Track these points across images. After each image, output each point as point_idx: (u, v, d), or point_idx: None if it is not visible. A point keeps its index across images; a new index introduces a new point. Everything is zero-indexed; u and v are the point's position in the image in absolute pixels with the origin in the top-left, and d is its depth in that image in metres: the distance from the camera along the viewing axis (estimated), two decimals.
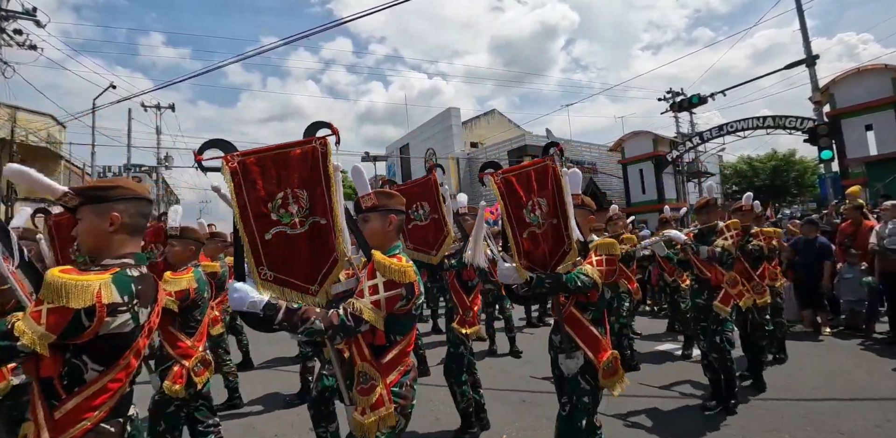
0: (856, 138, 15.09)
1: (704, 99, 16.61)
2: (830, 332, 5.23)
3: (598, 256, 2.04)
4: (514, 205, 2.06)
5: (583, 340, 2.03)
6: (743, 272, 3.69)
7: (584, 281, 1.94)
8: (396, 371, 1.59)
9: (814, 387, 3.66)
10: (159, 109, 22.87)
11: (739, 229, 3.27)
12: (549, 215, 2.10)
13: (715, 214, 3.40)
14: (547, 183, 2.12)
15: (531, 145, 23.78)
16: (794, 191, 32.13)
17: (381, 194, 1.76)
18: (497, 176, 2.09)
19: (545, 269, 2.07)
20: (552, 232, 2.10)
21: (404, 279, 1.53)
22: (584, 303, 2.07)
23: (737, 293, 3.29)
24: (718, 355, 3.19)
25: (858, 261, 5.16)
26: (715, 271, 3.29)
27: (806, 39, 12.89)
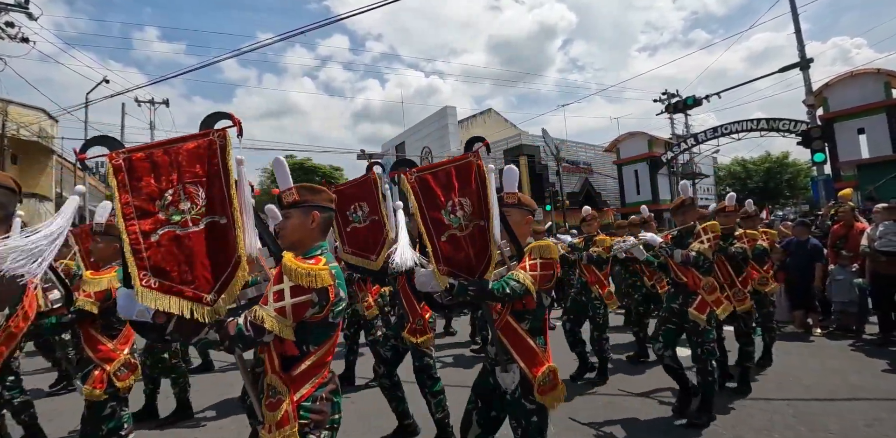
0: (848, 141, 15.27)
1: (700, 101, 16.70)
2: (821, 333, 5.29)
3: (532, 260, 1.84)
4: (431, 206, 1.89)
5: (518, 352, 1.86)
6: (725, 277, 3.65)
7: (515, 288, 1.75)
8: (310, 384, 1.46)
9: (805, 387, 3.70)
10: (153, 104, 22.67)
11: (718, 232, 3.10)
12: (474, 217, 1.91)
13: (692, 215, 3.23)
14: (470, 181, 1.93)
15: (527, 145, 23.85)
16: (787, 193, 32.50)
17: (303, 188, 1.65)
18: (411, 175, 1.92)
19: (472, 275, 1.88)
20: (479, 235, 1.91)
21: (315, 284, 1.38)
22: (521, 312, 1.89)
23: (714, 300, 3.10)
24: (701, 365, 3.06)
25: (849, 263, 5.22)
26: (691, 275, 3.13)
27: (800, 43, 12.99)
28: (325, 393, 1.48)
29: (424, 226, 1.87)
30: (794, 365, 4.26)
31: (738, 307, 3.60)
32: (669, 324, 3.24)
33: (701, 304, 3.08)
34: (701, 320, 3.04)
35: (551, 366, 1.87)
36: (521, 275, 1.80)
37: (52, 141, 17.05)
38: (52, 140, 17.02)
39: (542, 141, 23.18)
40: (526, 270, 1.82)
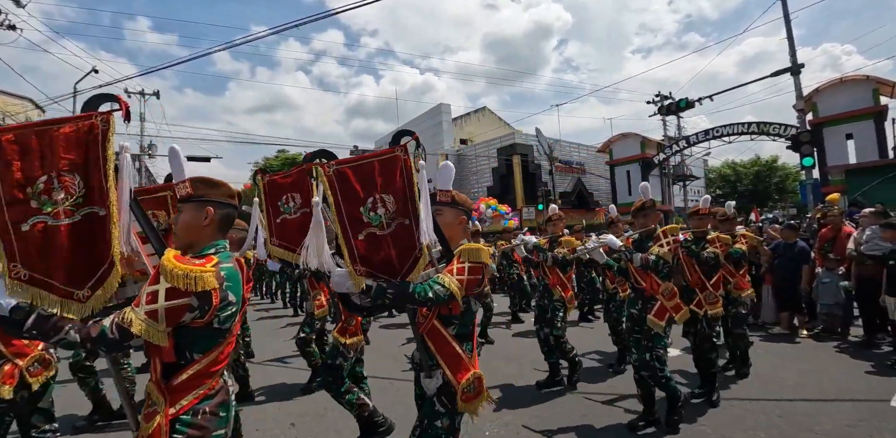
0: (836, 146, 15.50)
1: (692, 103, 16.81)
2: (807, 334, 5.36)
3: (461, 263, 1.74)
4: (349, 202, 1.78)
5: (443, 358, 1.78)
6: (696, 281, 3.61)
7: (439, 293, 1.65)
8: (192, 396, 1.33)
9: (791, 387, 3.75)
10: (143, 95, 22.33)
11: (677, 235, 2.99)
12: (397, 215, 1.81)
13: (653, 218, 3.14)
14: (395, 177, 1.81)
15: (520, 144, 23.88)
16: (776, 196, 32.95)
17: (199, 181, 1.52)
18: (329, 168, 1.77)
19: (394, 276, 1.80)
20: (402, 234, 1.80)
21: (194, 287, 1.25)
22: (448, 316, 1.80)
23: (673, 306, 2.98)
24: (650, 372, 2.95)
25: (836, 266, 5.30)
26: (650, 280, 3.02)
27: (792, 48, 13.12)
28: (209, 407, 1.35)
29: (340, 223, 1.76)
30: (780, 366, 4.32)
31: (709, 311, 3.56)
32: (635, 333, 3.12)
33: (660, 310, 2.98)
34: (659, 327, 2.94)
35: (476, 373, 1.79)
36: (446, 279, 1.69)
37: None
38: None
39: (536, 140, 23.23)
40: (453, 273, 1.71)
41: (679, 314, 3.01)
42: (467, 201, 2.01)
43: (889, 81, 14.88)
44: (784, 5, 13.34)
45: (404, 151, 1.84)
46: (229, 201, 1.54)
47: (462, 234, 1.96)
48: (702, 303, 3.60)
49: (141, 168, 25.48)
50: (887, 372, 3.99)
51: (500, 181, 24.17)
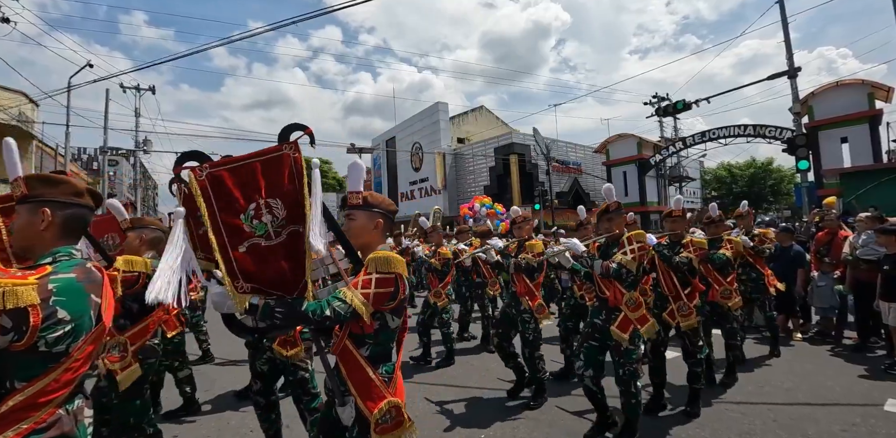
0: (831, 150, 15.59)
1: (689, 105, 16.86)
2: (801, 337, 5.39)
3: (367, 274, 1.54)
4: (227, 210, 1.54)
5: (354, 383, 1.57)
6: (669, 289, 3.41)
7: (339, 310, 1.46)
8: (13, 431, 1.11)
9: (786, 391, 3.77)
10: (139, 90, 22.15)
11: (644, 242, 2.78)
12: (288, 221, 1.60)
13: (619, 221, 2.94)
14: (283, 179, 1.61)
15: (518, 144, 23.88)
16: (771, 198, 33.15)
17: (33, 179, 1.32)
18: (200, 172, 1.52)
19: (289, 292, 1.59)
20: (296, 244, 1.61)
21: (4, 304, 1.04)
22: (360, 336, 1.60)
23: (638, 318, 2.77)
24: (623, 387, 2.75)
25: (831, 270, 5.32)
26: (614, 289, 2.82)
27: (789, 52, 13.19)
28: None
29: (215, 234, 1.51)
30: (775, 369, 4.34)
31: (681, 323, 3.31)
32: (592, 340, 2.92)
33: (623, 321, 2.78)
34: (623, 339, 2.75)
35: (393, 401, 1.56)
36: (348, 294, 1.49)
37: (33, 126, 16.56)
38: (33, 125, 16.53)
39: (533, 140, 23.24)
40: (357, 287, 1.51)
41: (644, 327, 2.78)
42: (385, 202, 1.78)
43: (884, 86, 14.98)
44: (782, 9, 13.41)
45: (294, 148, 1.63)
46: (75, 201, 1.34)
47: (381, 239, 1.74)
48: (674, 314, 3.36)
49: (136, 164, 25.32)
50: (881, 376, 4.01)
51: (496, 181, 24.17)
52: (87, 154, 35.21)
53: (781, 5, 13.42)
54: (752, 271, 4.78)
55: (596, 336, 2.91)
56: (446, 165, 26.84)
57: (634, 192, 22.82)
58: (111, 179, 27.78)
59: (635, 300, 2.80)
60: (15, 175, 1.34)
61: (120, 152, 24.86)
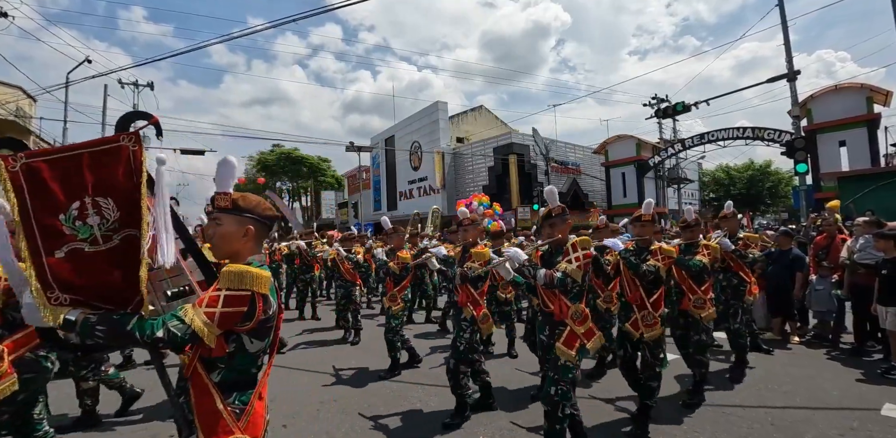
0: (829, 153, 15.67)
1: (688, 107, 16.88)
2: (799, 341, 5.41)
3: (216, 291, 1.33)
4: (42, 208, 1.32)
5: (198, 414, 1.37)
6: (635, 298, 3.20)
7: (175, 331, 1.25)
8: None
9: (783, 394, 3.78)
10: (137, 86, 22.05)
11: (590, 250, 2.57)
12: (122, 224, 1.38)
13: (562, 228, 2.66)
14: (117, 175, 1.37)
15: (517, 144, 23.88)
16: (768, 201, 33.28)
17: None
18: (14, 161, 1.29)
19: (123, 306, 1.39)
20: (131, 251, 1.39)
21: None
22: (209, 359, 1.38)
23: (585, 332, 2.55)
24: (549, 407, 2.50)
25: (830, 274, 5.34)
26: (559, 302, 2.59)
27: (789, 55, 13.21)
28: None
29: (27, 237, 1.30)
30: (773, 372, 4.35)
31: (645, 334, 3.12)
32: None
33: (569, 337, 2.54)
34: (570, 357, 2.50)
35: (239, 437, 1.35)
36: (189, 313, 1.29)
37: (30, 121, 16.47)
38: (30, 120, 16.44)
39: (532, 140, 23.24)
40: (202, 304, 1.30)
41: (591, 341, 2.56)
42: (260, 206, 1.53)
43: (883, 90, 15.05)
44: (782, 12, 13.43)
45: (134, 140, 1.39)
46: None
47: (252, 249, 1.49)
48: (638, 324, 3.15)
49: None
50: (878, 380, 4.03)
51: (495, 181, 24.17)
52: None
53: (781, 8, 13.45)
54: (733, 277, 4.34)
55: (547, 356, 2.66)
56: (445, 164, 26.82)
57: (633, 193, 22.86)
58: None
59: (581, 313, 2.57)
60: None
61: None
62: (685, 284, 3.68)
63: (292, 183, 42.84)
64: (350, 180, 39.83)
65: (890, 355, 4.36)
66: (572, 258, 2.51)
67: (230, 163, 1.53)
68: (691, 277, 3.63)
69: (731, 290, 4.32)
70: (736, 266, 4.27)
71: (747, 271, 4.29)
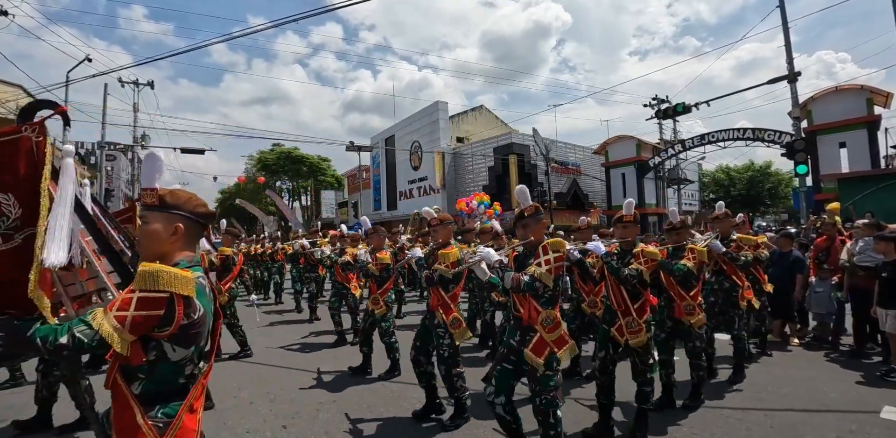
0: (829, 155, 15.67)
1: (689, 108, 16.88)
2: (798, 343, 5.41)
3: (130, 292, 1.20)
4: None
5: (116, 429, 1.26)
6: (619, 303, 3.10)
7: (82, 336, 1.13)
8: None
9: (783, 396, 3.78)
10: (137, 85, 22.06)
11: (562, 253, 2.42)
12: (25, 223, 1.30)
13: (535, 228, 2.54)
14: (18, 169, 1.28)
15: (517, 144, 23.88)
16: (768, 202, 33.27)
17: None
18: None
19: (31, 310, 1.30)
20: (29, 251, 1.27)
21: None
22: (129, 368, 1.26)
23: (556, 340, 2.39)
24: (540, 417, 2.35)
25: (829, 276, 5.34)
26: (528, 306, 2.45)
27: (790, 56, 13.23)
28: None
29: None
30: (773, 374, 4.36)
31: (630, 341, 3.02)
32: (506, 363, 2.52)
33: (538, 344, 2.39)
34: (538, 364, 2.36)
35: None
36: (98, 317, 1.16)
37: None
38: None
39: (533, 140, 23.25)
40: (113, 308, 1.18)
41: (562, 350, 2.40)
42: (190, 202, 1.42)
43: (883, 91, 15.06)
44: (783, 14, 13.44)
45: (38, 130, 1.29)
46: None
47: (184, 249, 1.39)
48: (623, 330, 3.06)
49: (133, 159, 25.18)
50: (877, 383, 4.03)
51: (495, 181, 24.17)
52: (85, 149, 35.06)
53: (782, 10, 13.46)
54: (725, 281, 4.17)
55: (511, 359, 2.51)
56: (445, 164, 26.82)
57: (633, 193, 22.85)
58: (109, 174, 27.64)
59: (552, 319, 2.42)
60: None
61: (118, 147, 24.73)
62: (673, 290, 3.55)
63: (292, 182, 42.80)
64: (350, 179, 39.83)
65: (890, 357, 4.37)
66: (542, 261, 2.37)
67: (156, 157, 1.42)
68: (678, 282, 3.48)
69: (724, 294, 4.14)
70: (729, 269, 4.12)
71: (740, 274, 4.14)
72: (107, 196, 20.11)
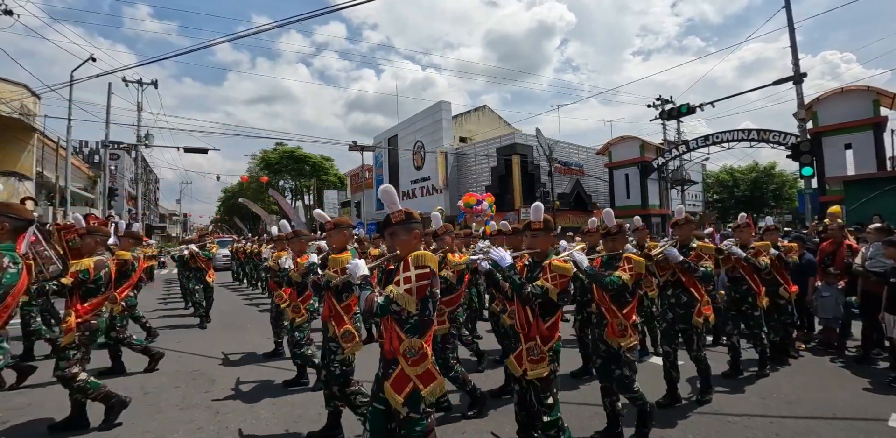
0: (835, 156, 15.55)
1: (693, 109, 16.78)
2: (804, 348, 5.36)
3: None
4: None
5: None
6: (522, 324, 2.60)
7: None
8: None
9: (788, 403, 3.74)
10: (141, 84, 22.11)
11: (428, 269, 2.03)
12: None
13: (403, 239, 2.10)
14: None
15: (520, 144, 23.84)
16: (772, 203, 33.09)
17: None
18: None
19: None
20: None
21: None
22: None
23: (421, 375, 1.98)
24: None
25: (836, 280, 5.29)
26: (390, 332, 2.10)
27: (795, 57, 13.14)
28: None
29: None
30: (778, 380, 4.31)
31: (529, 372, 2.50)
32: (377, 403, 2.08)
33: (399, 378, 1.98)
34: (397, 402, 1.96)
35: None
36: None
37: (35, 118, 16.50)
38: (35, 118, 16.47)
39: (536, 141, 23.20)
40: None
41: (428, 388, 1.97)
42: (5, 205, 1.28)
43: (889, 93, 14.93)
44: (789, 15, 13.36)
45: None
46: None
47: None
48: (522, 358, 2.54)
49: (137, 158, 25.25)
50: (885, 390, 3.98)
51: (498, 181, 24.14)
52: (89, 147, 35.21)
53: (788, 11, 13.37)
54: (682, 295, 3.73)
55: (380, 396, 2.04)
56: (448, 164, 26.79)
57: (636, 194, 22.78)
58: (112, 173, 27.72)
59: (417, 350, 1.97)
60: None
61: (122, 146, 24.80)
62: (605, 306, 3.05)
63: (295, 182, 42.89)
64: (353, 179, 39.85)
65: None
66: (402, 279, 1.95)
67: None
68: (611, 298, 3.00)
69: (682, 309, 3.70)
70: (687, 281, 3.68)
71: (699, 287, 3.69)
72: (110, 195, 20.13)
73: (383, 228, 2.18)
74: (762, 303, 4.41)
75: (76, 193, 19.56)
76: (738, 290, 4.52)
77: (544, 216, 2.59)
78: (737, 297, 4.53)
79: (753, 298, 4.41)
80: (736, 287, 4.55)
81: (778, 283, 4.82)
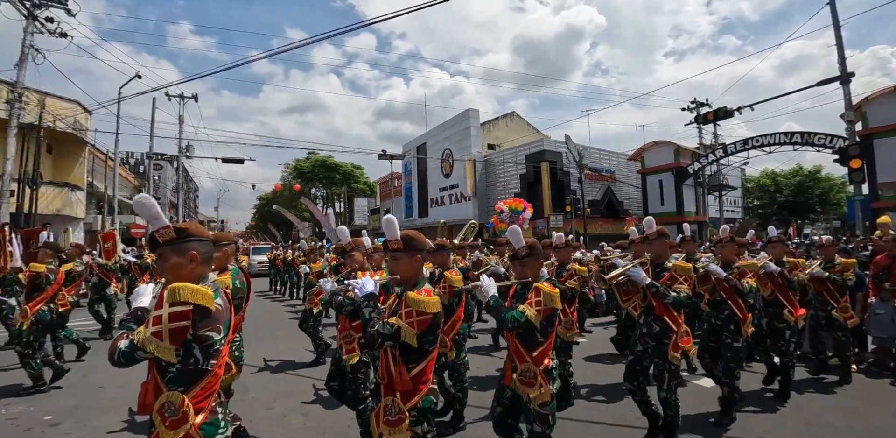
0: (888, 160, 14.64)
1: (731, 112, 16.19)
2: (856, 369, 5.01)
3: None
4: None
5: None
6: (514, 348, 2.46)
7: None
8: None
9: (837, 431, 3.49)
10: (183, 99, 23.20)
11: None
12: None
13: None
14: None
15: (549, 151, 23.59)
16: (818, 209, 31.33)
17: None
18: None
19: None
20: None
21: None
22: None
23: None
24: None
25: (892, 297, 4.94)
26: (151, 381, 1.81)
27: (841, 56, 12.51)
28: None
29: None
30: (826, 405, 4.04)
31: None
32: None
33: None
34: None
35: None
36: None
37: (86, 133, 17.55)
38: (86, 132, 17.51)
39: (565, 147, 22.90)
40: None
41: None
42: None
43: None
44: (833, 12, 12.74)
45: None
46: None
47: None
48: (379, 418, 2.04)
49: (178, 168, 26.46)
50: None
51: (527, 188, 23.92)
52: (135, 158, 37.24)
53: (833, 6, 12.75)
54: (654, 323, 3.18)
55: None
56: (476, 171, 26.79)
57: (671, 201, 22.12)
58: (156, 182, 29.14)
59: (176, 410, 1.47)
60: None
61: (164, 157, 26.05)
62: (512, 346, 2.48)
63: (326, 190, 43.81)
64: (382, 186, 40.36)
65: None
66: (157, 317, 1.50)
67: None
68: (517, 337, 2.42)
69: (653, 340, 3.17)
70: (659, 308, 3.17)
71: (675, 315, 3.15)
72: None
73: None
74: (747, 332, 3.73)
75: (123, 201, 20.61)
76: (719, 316, 3.77)
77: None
78: (717, 324, 3.79)
79: (736, 326, 3.68)
80: (716, 313, 3.81)
81: (781, 304, 4.23)
